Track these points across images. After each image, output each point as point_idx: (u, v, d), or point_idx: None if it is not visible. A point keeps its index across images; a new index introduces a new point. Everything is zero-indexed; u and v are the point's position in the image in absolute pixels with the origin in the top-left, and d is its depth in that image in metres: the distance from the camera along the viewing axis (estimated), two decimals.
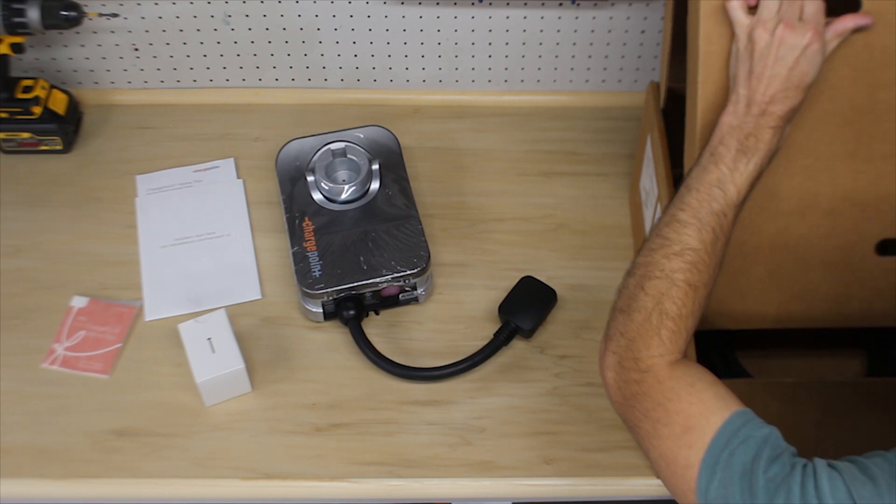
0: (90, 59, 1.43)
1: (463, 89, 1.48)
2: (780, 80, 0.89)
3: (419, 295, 1.24)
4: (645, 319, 0.85)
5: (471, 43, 1.42)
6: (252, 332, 1.22)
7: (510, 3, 1.36)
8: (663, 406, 0.81)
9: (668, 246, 0.88)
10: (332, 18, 1.38)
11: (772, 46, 0.88)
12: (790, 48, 0.88)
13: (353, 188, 1.26)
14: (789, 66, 0.88)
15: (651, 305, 0.85)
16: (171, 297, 1.26)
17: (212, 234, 1.32)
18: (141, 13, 1.37)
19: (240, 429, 1.15)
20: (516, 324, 1.20)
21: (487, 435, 1.15)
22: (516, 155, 1.41)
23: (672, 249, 0.87)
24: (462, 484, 1.12)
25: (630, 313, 0.86)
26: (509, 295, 1.23)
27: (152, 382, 1.18)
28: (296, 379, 1.19)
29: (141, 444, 1.14)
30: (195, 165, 1.39)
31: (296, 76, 1.46)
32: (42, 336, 1.22)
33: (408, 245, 1.22)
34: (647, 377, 0.83)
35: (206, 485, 1.11)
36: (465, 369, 1.18)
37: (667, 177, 1.13)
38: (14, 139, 1.37)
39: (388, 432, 1.15)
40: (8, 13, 1.27)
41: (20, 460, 1.12)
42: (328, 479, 1.12)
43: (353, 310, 1.19)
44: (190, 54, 1.43)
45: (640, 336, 0.84)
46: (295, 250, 1.22)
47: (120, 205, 1.35)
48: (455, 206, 1.36)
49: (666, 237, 0.89)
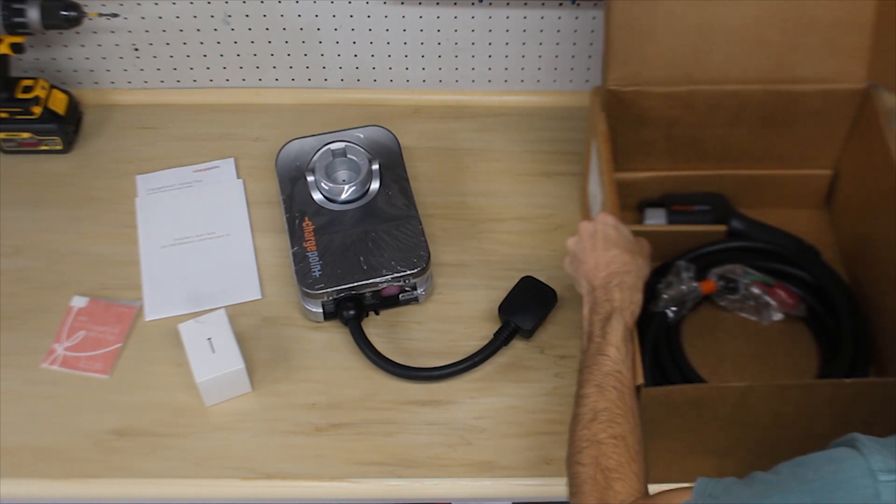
0: (90, 59, 1.43)
1: (463, 89, 1.48)
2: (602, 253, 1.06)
3: (419, 295, 1.24)
4: (593, 485, 0.90)
5: (471, 43, 1.42)
6: (252, 332, 1.22)
7: (510, 3, 1.36)
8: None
9: (582, 418, 0.95)
10: (332, 18, 1.38)
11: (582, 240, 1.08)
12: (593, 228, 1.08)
13: (353, 188, 1.26)
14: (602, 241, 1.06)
15: (592, 471, 0.91)
16: (171, 297, 1.26)
17: (212, 234, 1.32)
18: (141, 13, 1.37)
19: (240, 429, 1.15)
20: (516, 324, 1.20)
21: (487, 435, 1.15)
22: (516, 155, 1.41)
23: (586, 419, 0.95)
24: (462, 484, 1.12)
25: (579, 490, 0.91)
26: (509, 295, 1.23)
27: (152, 382, 1.18)
28: (296, 379, 1.19)
29: (141, 444, 1.14)
30: (195, 165, 1.39)
31: (296, 76, 1.46)
32: (42, 336, 1.22)
33: (408, 245, 1.22)
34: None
35: (206, 485, 1.12)
36: (465, 369, 1.18)
37: (610, 182, 1.15)
38: (14, 139, 1.37)
39: (388, 432, 1.15)
40: (8, 13, 1.27)
41: (20, 460, 1.12)
42: (328, 479, 1.12)
43: (353, 310, 1.19)
44: (190, 54, 1.43)
45: (598, 500, 0.89)
46: (295, 250, 1.22)
47: (120, 205, 1.35)
48: (455, 206, 1.36)
49: (578, 414, 0.96)
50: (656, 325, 1.20)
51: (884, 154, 1.17)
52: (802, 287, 1.24)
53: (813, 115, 1.25)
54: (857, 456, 0.73)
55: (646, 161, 1.30)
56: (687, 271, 1.21)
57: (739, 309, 1.25)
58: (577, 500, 0.91)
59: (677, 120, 1.25)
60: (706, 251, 1.27)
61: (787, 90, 1.21)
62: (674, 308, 1.21)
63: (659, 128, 1.26)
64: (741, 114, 1.24)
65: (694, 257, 1.26)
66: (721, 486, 0.81)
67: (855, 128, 1.26)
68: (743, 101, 1.22)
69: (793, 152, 1.30)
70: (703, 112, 1.24)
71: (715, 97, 1.22)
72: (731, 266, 1.23)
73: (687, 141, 1.28)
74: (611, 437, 0.93)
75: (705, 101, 1.23)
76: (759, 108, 1.24)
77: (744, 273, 1.22)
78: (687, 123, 1.25)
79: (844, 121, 1.25)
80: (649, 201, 1.33)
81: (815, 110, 1.24)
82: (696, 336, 1.24)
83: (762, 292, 1.23)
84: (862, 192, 1.25)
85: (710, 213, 1.30)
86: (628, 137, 1.26)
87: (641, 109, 1.23)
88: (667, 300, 1.20)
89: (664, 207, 1.31)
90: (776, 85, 1.22)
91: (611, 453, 0.91)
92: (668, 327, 1.21)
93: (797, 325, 1.25)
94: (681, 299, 1.21)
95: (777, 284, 1.24)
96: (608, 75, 1.19)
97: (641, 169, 1.31)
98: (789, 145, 1.29)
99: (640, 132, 1.27)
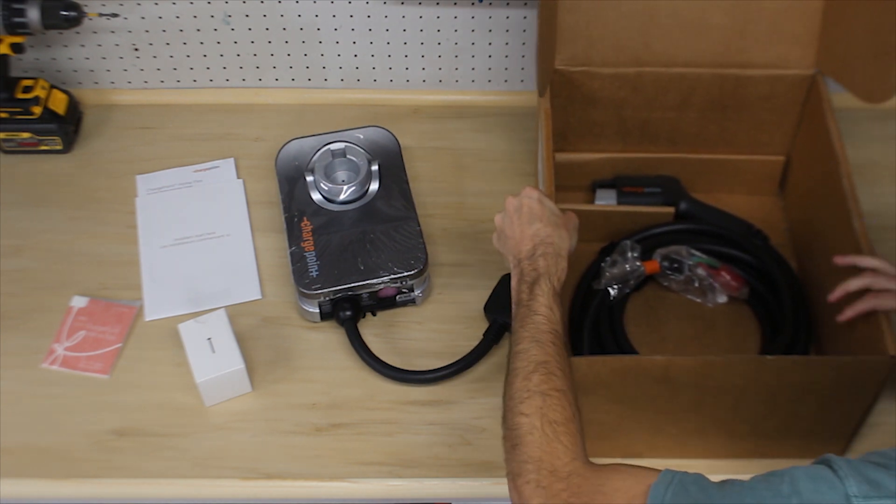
0: (90, 59, 1.43)
1: (463, 89, 1.48)
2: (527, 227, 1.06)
3: (416, 297, 1.24)
4: (541, 436, 0.87)
5: (471, 43, 1.42)
6: (252, 332, 1.23)
7: (510, 3, 1.36)
8: (600, 491, 0.82)
9: (521, 370, 0.93)
10: (332, 18, 1.38)
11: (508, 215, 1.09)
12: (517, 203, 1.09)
13: (353, 189, 1.26)
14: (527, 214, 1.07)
15: (538, 423, 0.88)
16: (171, 297, 1.26)
17: (212, 234, 1.32)
18: (141, 13, 1.37)
19: (240, 429, 1.15)
20: (503, 320, 1.20)
21: (487, 435, 1.15)
22: (516, 155, 1.41)
23: (526, 371, 0.92)
24: (462, 484, 1.12)
25: (522, 441, 0.88)
26: (492, 294, 1.23)
27: (152, 382, 1.19)
28: (296, 379, 1.19)
29: (141, 444, 1.14)
30: (195, 165, 1.39)
31: (296, 76, 1.47)
32: (42, 336, 1.22)
33: (405, 247, 1.22)
34: (571, 481, 0.84)
35: (206, 485, 1.12)
36: (457, 372, 1.18)
37: (548, 159, 1.16)
38: (14, 139, 1.37)
39: (388, 432, 1.15)
40: (8, 13, 1.27)
41: (20, 460, 1.12)
42: (328, 479, 1.12)
43: (350, 311, 1.19)
44: (190, 54, 1.43)
45: (545, 452, 0.86)
46: (292, 250, 1.22)
47: (120, 205, 1.35)
48: (454, 207, 1.36)
49: (515, 367, 0.94)
50: (598, 302, 1.22)
51: (827, 141, 1.18)
52: (747, 270, 1.25)
53: (762, 100, 1.27)
54: (836, 480, 0.74)
55: (598, 142, 1.32)
56: (632, 251, 1.23)
57: (684, 290, 1.26)
58: (519, 451, 0.87)
59: (626, 102, 1.27)
60: (653, 233, 1.29)
61: (736, 74, 1.23)
62: (617, 286, 1.22)
63: (609, 109, 1.28)
64: (690, 97, 1.26)
65: (641, 238, 1.27)
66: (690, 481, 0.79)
67: (804, 114, 1.27)
68: (691, 84, 1.24)
69: (745, 137, 1.32)
70: (651, 94, 1.25)
71: (663, 79, 1.24)
72: (676, 247, 1.24)
73: (638, 123, 1.30)
74: (553, 389, 0.90)
75: (653, 83, 1.25)
76: (707, 92, 1.26)
77: (689, 255, 1.24)
78: (636, 105, 1.27)
79: (794, 107, 1.27)
80: (601, 182, 1.34)
81: (764, 95, 1.26)
82: (641, 316, 1.25)
83: (707, 274, 1.23)
84: (810, 179, 1.27)
85: (660, 195, 1.32)
86: (579, 118, 1.28)
87: (590, 90, 1.26)
88: (609, 278, 1.22)
89: (615, 188, 1.33)
90: (724, 69, 1.23)
91: (556, 405, 0.89)
92: (611, 305, 1.22)
93: (741, 307, 1.26)
94: (624, 278, 1.22)
95: (722, 267, 1.24)
96: (557, 55, 1.21)
97: (594, 150, 1.33)
98: (740, 130, 1.31)
99: (590, 113, 1.28)
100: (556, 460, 0.85)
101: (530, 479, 0.85)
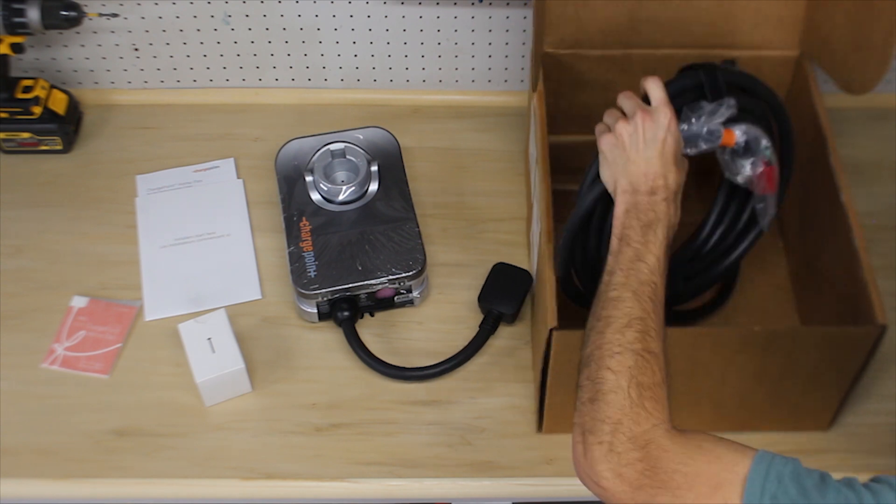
0: (90, 59, 1.43)
1: (463, 89, 1.48)
2: (656, 160, 0.96)
3: (414, 298, 1.24)
4: (624, 398, 0.82)
5: (471, 43, 1.42)
6: (252, 332, 1.23)
7: (510, 3, 1.36)
8: (680, 472, 0.77)
9: (615, 321, 0.87)
10: (332, 18, 1.39)
11: (637, 133, 0.97)
12: (654, 130, 0.97)
13: (352, 189, 1.26)
14: (659, 146, 0.96)
15: (625, 382, 0.83)
16: (171, 297, 1.26)
17: (212, 234, 1.32)
18: (141, 13, 1.37)
19: (240, 429, 1.15)
20: (498, 310, 1.20)
21: (487, 435, 1.15)
22: (516, 155, 1.41)
23: (621, 323, 0.87)
24: (462, 484, 1.12)
25: (603, 398, 0.83)
26: (485, 284, 1.23)
27: (152, 382, 1.19)
28: (296, 379, 1.19)
29: (141, 444, 1.14)
30: (195, 165, 1.39)
31: (296, 76, 1.47)
32: (42, 336, 1.22)
33: (404, 248, 1.22)
34: (649, 451, 0.79)
35: (206, 485, 1.12)
36: (457, 365, 1.18)
37: (542, 139, 1.16)
38: (14, 139, 1.37)
39: (388, 432, 1.15)
40: (8, 13, 1.27)
41: (20, 460, 1.12)
42: (328, 479, 1.12)
43: (348, 311, 1.19)
44: (190, 54, 1.43)
45: (626, 415, 0.81)
46: (291, 250, 1.22)
47: (120, 205, 1.35)
48: (454, 206, 1.36)
49: (609, 315, 0.88)
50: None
51: (814, 120, 1.19)
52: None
53: None
54: None
55: (587, 125, 1.31)
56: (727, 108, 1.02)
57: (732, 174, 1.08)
58: (598, 407, 0.82)
59: (615, 84, 1.25)
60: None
61: (722, 56, 1.22)
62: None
63: (597, 91, 1.27)
64: None
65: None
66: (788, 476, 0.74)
67: (790, 95, 1.28)
68: (679, 65, 1.23)
69: None
70: (639, 76, 1.24)
71: (650, 61, 1.24)
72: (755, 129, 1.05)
73: None
74: (646, 349, 0.85)
75: (641, 64, 1.25)
76: None
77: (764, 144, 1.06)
78: (625, 87, 1.26)
79: (780, 89, 1.27)
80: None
81: None
82: None
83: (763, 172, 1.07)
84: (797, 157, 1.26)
85: None
86: (569, 101, 1.28)
87: (579, 73, 1.26)
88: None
89: None
90: (711, 50, 1.24)
91: (645, 368, 0.83)
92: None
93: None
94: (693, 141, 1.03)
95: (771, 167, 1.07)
96: (546, 38, 1.22)
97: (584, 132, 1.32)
98: None
99: (579, 95, 1.28)
100: (636, 426, 0.80)
101: (604, 441, 0.80)
